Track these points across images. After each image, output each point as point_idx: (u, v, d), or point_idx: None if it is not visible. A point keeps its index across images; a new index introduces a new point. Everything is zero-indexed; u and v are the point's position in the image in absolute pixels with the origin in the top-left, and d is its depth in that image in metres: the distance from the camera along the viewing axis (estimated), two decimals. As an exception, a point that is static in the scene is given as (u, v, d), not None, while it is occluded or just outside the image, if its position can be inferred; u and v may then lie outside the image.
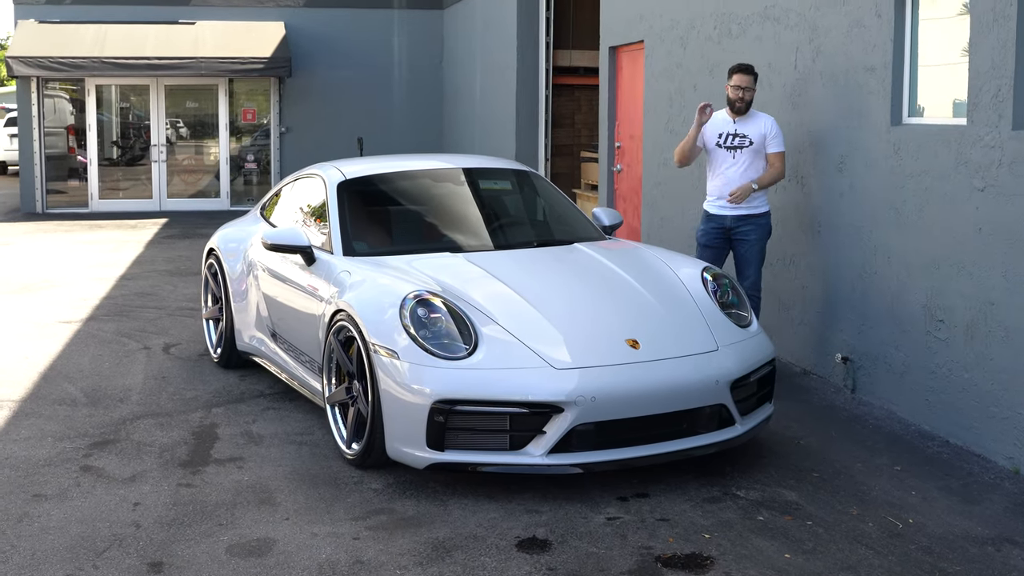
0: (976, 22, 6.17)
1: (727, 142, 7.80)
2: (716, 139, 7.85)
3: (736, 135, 7.78)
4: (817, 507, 5.50)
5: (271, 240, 6.91)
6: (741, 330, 6.18)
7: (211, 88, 20.61)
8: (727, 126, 7.83)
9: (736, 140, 7.78)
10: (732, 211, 7.77)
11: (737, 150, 7.78)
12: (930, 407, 6.67)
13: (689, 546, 5.00)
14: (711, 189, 7.93)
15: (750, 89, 7.76)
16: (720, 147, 7.83)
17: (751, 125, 7.79)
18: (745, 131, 7.77)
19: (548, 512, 5.41)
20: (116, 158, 21.01)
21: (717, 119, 7.90)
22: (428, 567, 4.80)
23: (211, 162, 20.96)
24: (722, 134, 7.83)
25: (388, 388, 5.65)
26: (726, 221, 7.82)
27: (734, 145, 7.78)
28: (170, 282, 12.37)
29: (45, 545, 5.05)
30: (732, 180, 7.76)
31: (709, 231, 7.89)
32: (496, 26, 16.55)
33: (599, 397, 5.45)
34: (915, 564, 4.85)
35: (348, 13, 20.72)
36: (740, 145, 7.76)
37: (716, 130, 7.88)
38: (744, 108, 7.76)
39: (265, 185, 20.94)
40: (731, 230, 7.81)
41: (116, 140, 21.07)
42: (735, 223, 7.80)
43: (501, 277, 6.26)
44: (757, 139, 7.75)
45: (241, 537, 5.14)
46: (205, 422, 6.98)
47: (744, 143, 7.75)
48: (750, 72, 7.78)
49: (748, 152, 7.75)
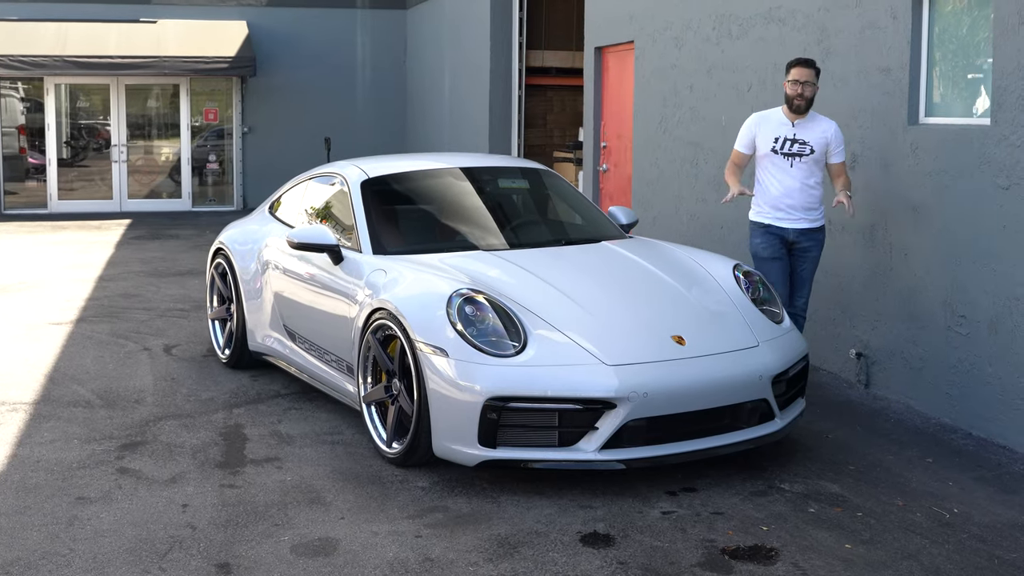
0: (999, 23, 6.31)
1: (784, 147, 7.03)
2: (771, 143, 7.05)
3: (795, 140, 7.01)
4: (863, 499, 5.60)
5: (298, 239, 6.89)
6: (776, 326, 6.28)
7: (172, 88, 20.41)
8: (784, 128, 7.05)
9: (795, 147, 7.01)
10: (794, 223, 7.05)
11: (796, 158, 7.00)
12: (951, 400, 6.81)
13: (750, 538, 5.08)
14: (765, 198, 7.13)
15: (811, 84, 6.97)
16: (776, 152, 7.04)
17: (812, 130, 7.02)
18: (805, 136, 7.00)
19: (602, 507, 5.46)
20: (75, 158, 20.73)
21: (772, 119, 7.13)
22: (499, 563, 4.83)
23: (172, 162, 20.75)
24: (778, 138, 7.04)
25: (436, 386, 5.67)
26: (788, 234, 7.08)
27: (792, 152, 7.01)
28: (152, 283, 12.25)
29: (104, 548, 5.00)
30: (791, 191, 7.01)
31: (771, 243, 7.10)
32: (468, 26, 16.57)
33: (651, 393, 5.52)
34: (972, 552, 4.97)
35: (310, 13, 20.64)
36: (800, 153, 6.99)
37: (771, 132, 7.08)
38: (804, 106, 6.98)
39: (226, 185, 20.79)
40: (793, 244, 7.11)
41: (75, 140, 20.78)
42: (798, 237, 7.08)
43: (539, 274, 6.30)
44: (819, 147, 6.99)
45: (302, 537, 5.13)
46: (229, 423, 6.94)
47: (804, 151, 6.99)
48: (811, 66, 7.01)
49: (808, 162, 7.00)
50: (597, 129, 12.14)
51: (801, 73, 6.96)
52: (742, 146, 7.26)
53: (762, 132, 7.11)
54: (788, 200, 7.03)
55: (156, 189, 20.71)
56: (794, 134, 7.02)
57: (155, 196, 20.58)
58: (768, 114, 7.21)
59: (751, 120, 7.25)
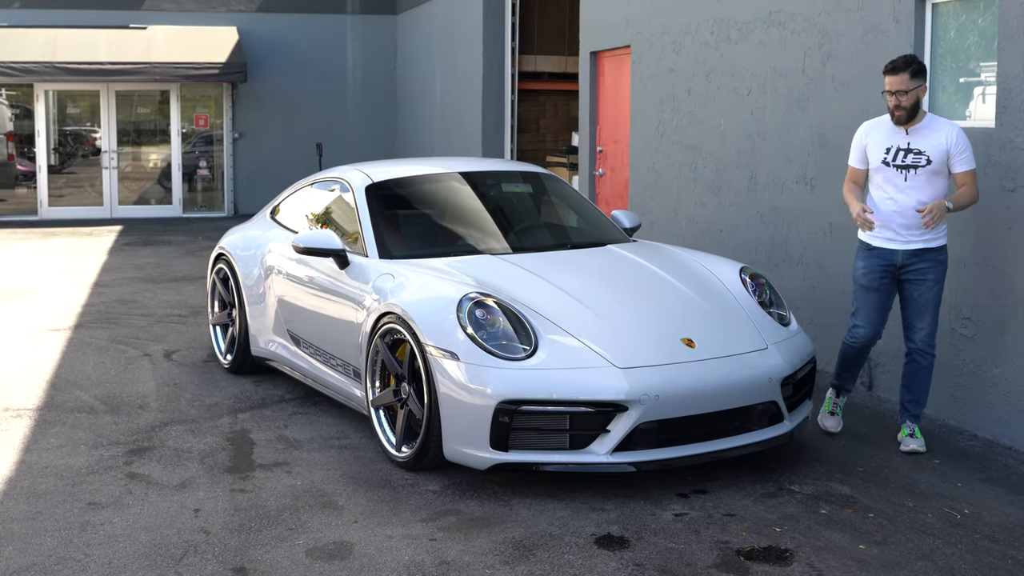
0: (1005, 27, 6.35)
1: (897, 159, 6.25)
2: (882, 154, 6.30)
3: (909, 150, 6.22)
4: (873, 500, 5.63)
5: (304, 244, 6.89)
6: (784, 328, 6.31)
7: (163, 94, 20.38)
8: (896, 137, 6.26)
9: (910, 157, 6.21)
10: (904, 244, 6.26)
11: (910, 170, 6.20)
12: (956, 402, 6.84)
13: (764, 540, 5.10)
14: (876, 216, 6.30)
15: (903, 92, 6.12)
16: (888, 165, 6.27)
17: (929, 137, 6.19)
18: (921, 145, 6.19)
19: (614, 510, 5.47)
20: (63, 165, 20.66)
21: (883, 126, 6.35)
22: (515, 566, 4.83)
23: (162, 168, 20.70)
24: (890, 148, 6.27)
25: (447, 390, 5.67)
26: (896, 257, 6.29)
27: (906, 163, 6.22)
28: (148, 289, 12.22)
29: (118, 553, 4.99)
30: (905, 209, 6.21)
31: (873, 269, 6.35)
32: (460, 32, 16.59)
33: (662, 395, 5.53)
34: (985, 552, 4.99)
35: (300, 19, 20.63)
36: (915, 164, 6.19)
37: (882, 143, 6.32)
38: (907, 117, 6.17)
39: (216, 192, 20.75)
40: (902, 268, 6.31)
41: (63, 147, 20.71)
42: (908, 259, 6.27)
43: (547, 278, 6.31)
44: (937, 157, 6.15)
45: (316, 541, 5.12)
46: (235, 428, 6.93)
47: (920, 161, 6.18)
48: (902, 70, 6.15)
49: (924, 173, 6.18)
50: (593, 134, 12.16)
51: (892, 82, 6.16)
52: (855, 160, 6.49)
53: (873, 142, 6.36)
54: (901, 219, 6.24)
55: (146, 195, 20.66)
56: (908, 143, 6.23)
57: (145, 202, 20.52)
58: (880, 121, 6.42)
59: (861, 129, 6.50)
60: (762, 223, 8.82)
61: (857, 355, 6.61)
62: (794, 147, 8.36)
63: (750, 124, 8.95)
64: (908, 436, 6.44)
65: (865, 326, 6.44)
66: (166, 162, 20.58)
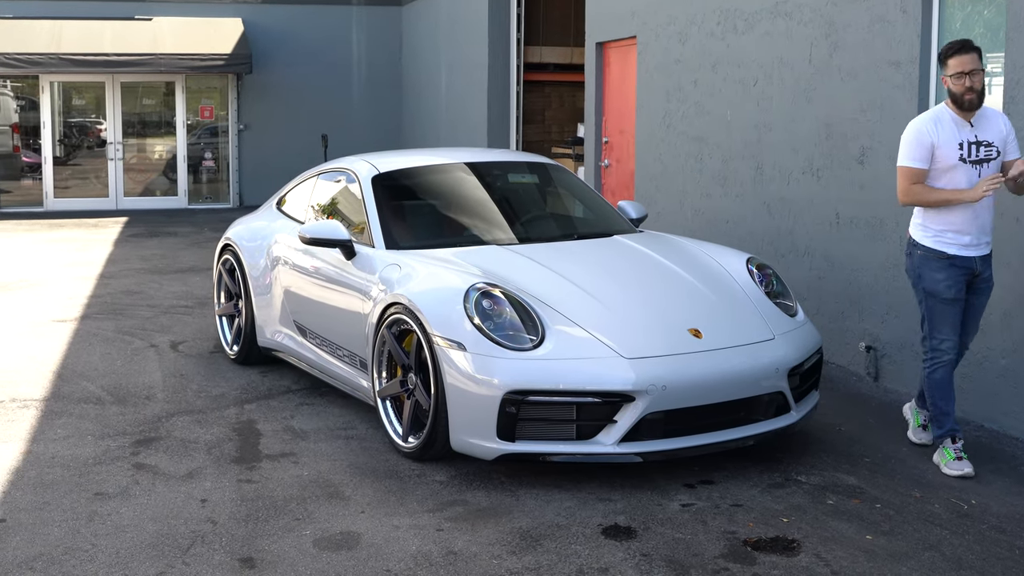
0: (1013, 17, 6.33)
1: (971, 154, 5.75)
2: (957, 150, 5.73)
3: (980, 143, 5.74)
4: (880, 491, 5.62)
5: (310, 234, 6.89)
6: (790, 319, 6.30)
7: (168, 86, 20.37)
8: (964, 131, 5.75)
9: (982, 151, 5.75)
10: (980, 250, 5.81)
11: (984, 164, 5.75)
12: (963, 393, 6.83)
13: (771, 530, 5.10)
14: (948, 222, 5.80)
15: (977, 72, 5.65)
16: (965, 162, 5.74)
17: (990, 126, 5.78)
18: (987, 136, 5.75)
19: (621, 500, 5.47)
20: (68, 156, 20.66)
21: (945, 121, 5.78)
22: (522, 556, 4.84)
23: (167, 160, 20.69)
24: (962, 143, 5.73)
25: (454, 381, 5.67)
26: (975, 265, 5.83)
27: (980, 158, 5.75)
28: (154, 280, 12.22)
29: (126, 543, 5.00)
30: (980, 211, 5.76)
31: (956, 280, 5.81)
32: (465, 23, 16.56)
33: (669, 386, 5.53)
34: (992, 543, 4.99)
35: (306, 10, 20.60)
36: (987, 157, 5.75)
37: (952, 139, 5.74)
38: (978, 100, 5.69)
39: (221, 183, 20.74)
40: (978, 275, 5.87)
41: (68, 138, 20.72)
42: (983, 266, 5.85)
43: (554, 268, 6.30)
44: (1002, 146, 5.79)
45: (324, 531, 5.13)
46: (242, 418, 6.94)
47: (991, 154, 5.75)
48: (971, 49, 5.67)
49: (995, 165, 5.77)
50: (599, 125, 12.14)
51: (962, 62, 5.64)
52: (919, 160, 5.78)
53: (943, 138, 5.74)
54: (978, 222, 5.77)
55: (152, 187, 20.65)
56: (975, 135, 5.75)
57: (151, 194, 20.51)
58: (937, 117, 5.82)
59: (921, 126, 5.81)
60: (768, 214, 8.80)
61: (950, 377, 5.97)
62: (800, 138, 8.34)
63: (756, 115, 8.93)
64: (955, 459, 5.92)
65: (952, 338, 5.90)
66: (171, 154, 20.56)
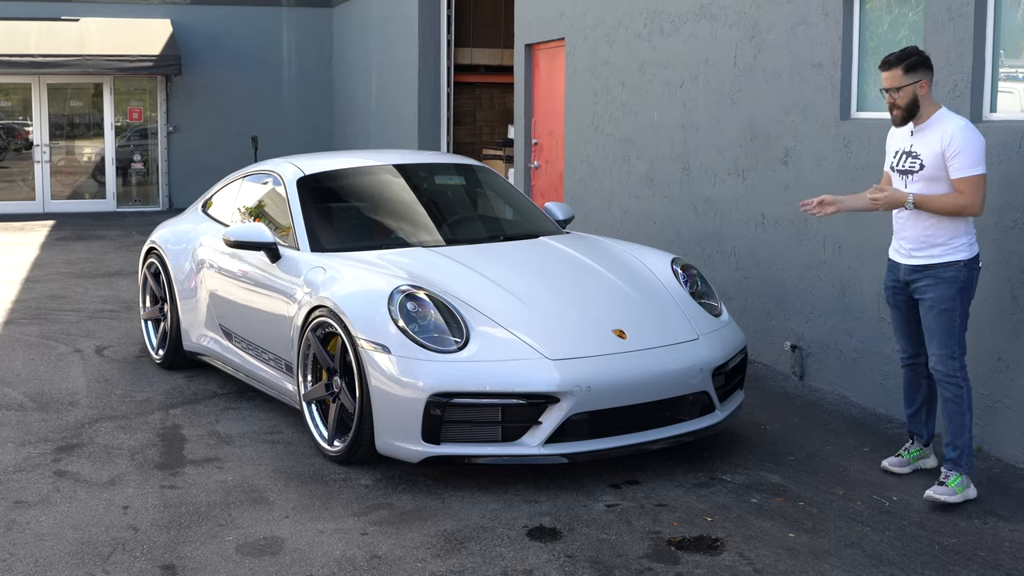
0: (931, 20, 6.42)
1: (900, 163, 5.60)
2: (891, 159, 5.68)
3: (909, 154, 5.54)
4: (803, 488, 5.68)
5: (234, 237, 6.82)
6: (715, 319, 6.34)
7: (96, 87, 20.09)
8: (905, 140, 5.60)
9: (907, 161, 5.54)
10: (905, 259, 5.60)
11: (908, 176, 5.53)
12: (885, 391, 6.92)
13: (695, 529, 5.13)
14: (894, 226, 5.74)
15: (896, 90, 5.44)
16: (894, 170, 5.64)
17: (927, 139, 5.45)
18: (919, 148, 5.48)
19: (547, 502, 5.47)
20: (-6, 158, 20.35)
21: (900, 128, 5.64)
22: (447, 559, 4.82)
23: (96, 162, 20.42)
24: (898, 152, 5.63)
25: (379, 383, 5.65)
26: (900, 272, 5.66)
27: (904, 169, 5.56)
28: (79, 284, 12.06)
29: (45, 552, 4.92)
30: (904, 220, 5.59)
31: (888, 285, 5.80)
32: (395, 24, 16.52)
33: (594, 387, 5.54)
34: (913, 538, 5.06)
35: (235, 11, 20.43)
36: (910, 169, 5.51)
37: (893, 146, 5.70)
38: (902, 117, 5.49)
39: (151, 185, 20.51)
40: (907, 285, 5.63)
41: (-6, 140, 20.39)
42: (910, 275, 5.58)
43: (479, 270, 6.30)
44: (931, 161, 5.41)
45: (247, 537, 5.08)
46: (166, 423, 6.86)
47: (914, 166, 5.49)
48: (893, 65, 5.46)
49: (921, 179, 5.45)
50: (528, 126, 12.17)
51: (884, 79, 5.51)
52: (886, 164, 5.80)
53: (889, 144, 5.76)
54: (904, 231, 5.60)
55: (80, 189, 20.36)
56: (910, 145, 5.55)
57: (79, 197, 20.23)
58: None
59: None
60: (695, 214, 8.87)
61: (909, 380, 5.88)
62: (726, 139, 8.41)
63: (683, 116, 8.99)
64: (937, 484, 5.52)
65: (900, 343, 5.84)
66: (100, 156, 20.29)
